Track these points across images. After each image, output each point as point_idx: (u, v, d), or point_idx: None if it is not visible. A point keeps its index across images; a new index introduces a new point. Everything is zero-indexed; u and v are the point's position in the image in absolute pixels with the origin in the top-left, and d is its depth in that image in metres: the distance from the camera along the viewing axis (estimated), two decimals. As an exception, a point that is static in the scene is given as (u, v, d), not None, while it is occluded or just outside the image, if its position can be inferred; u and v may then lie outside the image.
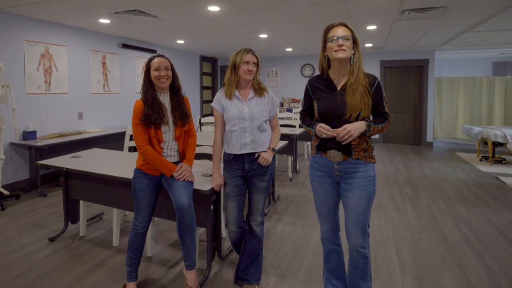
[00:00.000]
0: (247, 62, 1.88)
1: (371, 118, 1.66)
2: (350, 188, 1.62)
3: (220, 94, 1.99)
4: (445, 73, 8.96)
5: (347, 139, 1.52)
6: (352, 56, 1.57)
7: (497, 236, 2.80)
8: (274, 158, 2.05)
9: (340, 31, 1.57)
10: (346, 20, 4.45)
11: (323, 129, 1.56)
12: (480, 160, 5.82)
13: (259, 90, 1.96)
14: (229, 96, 1.94)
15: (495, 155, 5.71)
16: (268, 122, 2.04)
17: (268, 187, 2.03)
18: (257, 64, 1.93)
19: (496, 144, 5.56)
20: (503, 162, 5.57)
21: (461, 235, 2.83)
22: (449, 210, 3.42)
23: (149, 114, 1.86)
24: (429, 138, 7.35)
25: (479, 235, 2.83)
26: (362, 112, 1.56)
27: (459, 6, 3.56)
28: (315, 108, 1.68)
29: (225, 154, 2.03)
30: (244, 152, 1.93)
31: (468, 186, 4.27)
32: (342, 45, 1.53)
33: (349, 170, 1.61)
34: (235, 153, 1.95)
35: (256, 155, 1.94)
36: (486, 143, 6.00)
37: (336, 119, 1.59)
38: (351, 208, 1.62)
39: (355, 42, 1.57)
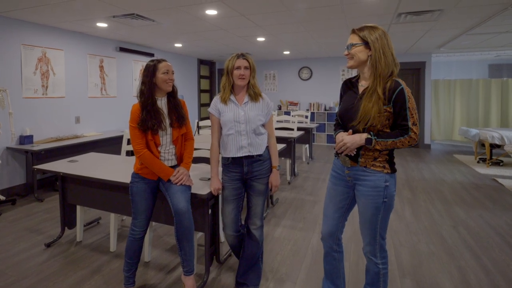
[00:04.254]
0: (238, 67, 1.90)
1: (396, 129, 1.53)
2: (358, 194, 1.59)
3: (216, 99, 2.01)
4: (441, 75, 9.00)
5: (345, 150, 1.53)
6: (370, 58, 1.51)
7: (495, 238, 2.80)
8: (270, 160, 2.05)
9: (349, 39, 1.56)
10: (342, 24, 4.47)
11: (336, 140, 1.59)
12: (478, 162, 5.85)
13: (254, 95, 1.97)
14: (225, 101, 1.95)
15: (493, 157, 5.74)
16: (263, 126, 2.05)
17: (267, 190, 2.03)
18: (250, 68, 1.93)
19: (493, 146, 5.59)
20: (501, 164, 5.59)
21: (459, 237, 2.83)
22: (447, 213, 3.42)
23: (146, 120, 1.86)
24: (426, 141, 7.38)
25: (477, 237, 2.83)
26: (371, 121, 1.45)
27: (454, 9, 3.58)
28: None
29: (223, 158, 2.03)
30: (241, 155, 1.93)
31: (466, 188, 4.28)
32: (348, 54, 1.55)
33: (357, 177, 1.57)
34: (232, 156, 1.95)
35: (271, 189, 1.99)
36: (483, 145, 6.03)
37: (349, 123, 1.57)
38: (360, 214, 1.61)
39: (368, 44, 1.49)
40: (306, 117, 6.68)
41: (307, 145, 6.04)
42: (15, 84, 3.98)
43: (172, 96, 2.01)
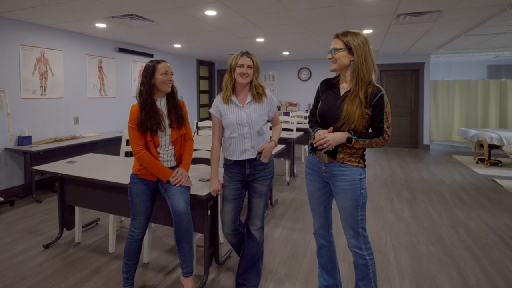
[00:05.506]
0: (241, 65, 1.87)
1: (370, 130, 1.65)
2: (336, 190, 1.67)
3: (218, 99, 1.99)
4: (440, 76, 9.02)
5: (325, 147, 1.60)
6: (352, 63, 1.58)
7: (494, 239, 2.80)
8: (273, 162, 2.05)
9: (332, 43, 1.64)
10: (342, 25, 4.48)
11: (316, 136, 1.65)
12: (477, 162, 5.85)
13: (257, 95, 1.93)
14: (226, 100, 1.92)
15: (491, 158, 5.75)
16: (268, 122, 2.04)
17: (268, 191, 2.02)
18: (253, 67, 1.91)
19: (492, 146, 5.60)
20: (499, 164, 5.60)
21: (458, 238, 2.83)
22: (446, 213, 3.42)
23: (146, 120, 1.85)
24: (425, 141, 7.39)
25: (476, 238, 2.83)
26: (355, 124, 1.55)
27: (454, 10, 3.59)
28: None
29: (225, 158, 2.02)
30: (244, 158, 1.93)
31: (465, 189, 4.28)
32: (331, 58, 1.63)
33: (334, 173, 1.65)
34: (235, 159, 1.94)
35: (258, 158, 1.93)
36: (482, 145, 6.04)
37: (331, 123, 1.64)
38: (340, 209, 1.68)
39: (351, 50, 1.57)
40: (305, 117, 6.69)
41: (306, 146, 6.03)
42: (13, 85, 3.97)
43: (171, 97, 2.01)
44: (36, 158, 3.83)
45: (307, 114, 6.46)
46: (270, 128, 2.24)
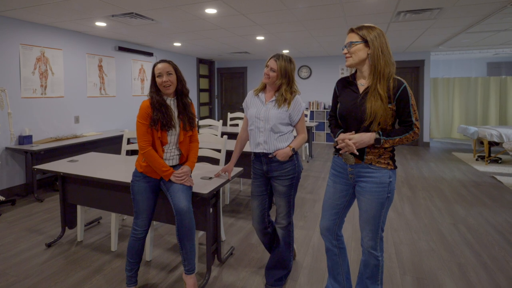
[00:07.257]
0: (267, 66, 1.97)
1: (396, 126, 1.58)
2: (362, 191, 1.59)
3: (250, 92, 2.10)
4: (440, 73, 9.02)
5: (350, 148, 1.52)
6: (369, 56, 1.51)
7: (495, 236, 2.81)
8: (294, 164, 1.96)
9: (347, 38, 1.57)
10: (342, 22, 4.46)
11: (339, 139, 1.58)
12: (477, 159, 5.87)
13: (282, 100, 1.92)
14: (256, 94, 2.04)
15: (491, 155, 5.76)
16: (292, 126, 2.01)
17: (289, 192, 1.98)
18: (277, 72, 1.90)
19: (492, 143, 5.61)
20: (499, 161, 5.61)
21: (459, 235, 2.84)
22: (447, 210, 3.43)
23: (158, 118, 1.88)
24: (425, 139, 7.40)
25: (477, 234, 2.84)
26: (383, 120, 1.48)
27: (454, 8, 3.59)
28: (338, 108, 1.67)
29: (251, 152, 2.09)
30: (258, 151, 1.99)
31: (465, 186, 4.29)
32: (347, 53, 1.56)
33: (361, 174, 1.58)
34: (252, 151, 2.04)
35: (271, 155, 1.94)
36: (482, 142, 6.05)
37: (354, 123, 1.56)
38: (363, 210, 1.61)
39: (367, 43, 1.50)
40: (306, 115, 6.69)
41: (306, 144, 6.04)
42: (13, 84, 3.96)
43: (180, 97, 2.02)
44: (37, 157, 3.83)
45: (307, 112, 6.49)
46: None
